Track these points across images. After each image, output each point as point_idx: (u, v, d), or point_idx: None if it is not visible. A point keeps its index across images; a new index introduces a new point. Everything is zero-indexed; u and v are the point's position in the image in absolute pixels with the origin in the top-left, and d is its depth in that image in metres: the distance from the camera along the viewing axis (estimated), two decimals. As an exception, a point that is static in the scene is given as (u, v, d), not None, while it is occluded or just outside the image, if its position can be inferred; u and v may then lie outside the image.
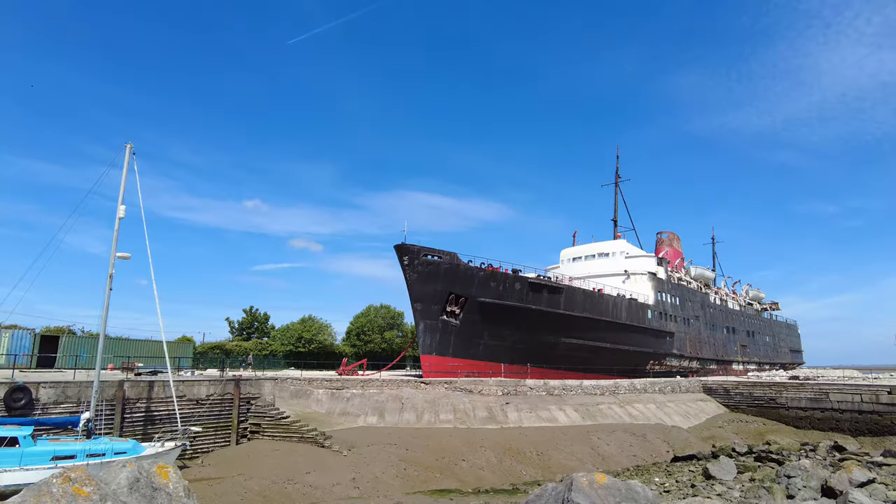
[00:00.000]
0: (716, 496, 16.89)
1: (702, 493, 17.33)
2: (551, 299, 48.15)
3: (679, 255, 79.19)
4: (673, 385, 48.98)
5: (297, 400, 33.68)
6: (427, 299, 42.22)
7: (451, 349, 43.13)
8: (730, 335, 78.87)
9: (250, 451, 26.97)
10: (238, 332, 67.18)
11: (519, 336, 46.65)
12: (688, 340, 65.84)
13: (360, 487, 23.41)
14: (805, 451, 29.06)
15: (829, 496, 15.65)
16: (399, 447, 27.58)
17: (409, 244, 41.71)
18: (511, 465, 28.14)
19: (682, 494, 17.92)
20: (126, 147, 25.98)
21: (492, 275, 44.81)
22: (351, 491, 23.09)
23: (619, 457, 31.58)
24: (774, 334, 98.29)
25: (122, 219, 25.38)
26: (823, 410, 42.69)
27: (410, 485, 24.43)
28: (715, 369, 71.49)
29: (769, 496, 16.20)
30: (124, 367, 31.91)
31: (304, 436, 28.44)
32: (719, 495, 16.96)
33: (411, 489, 23.90)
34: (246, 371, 42.94)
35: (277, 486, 22.42)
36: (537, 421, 35.20)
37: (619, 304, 54.86)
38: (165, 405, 26.97)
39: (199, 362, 51.06)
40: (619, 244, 67.22)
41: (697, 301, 71.54)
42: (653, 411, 41.92)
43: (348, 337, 68.37)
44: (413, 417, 32.89)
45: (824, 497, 15.78)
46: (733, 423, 43.97)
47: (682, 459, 28.46)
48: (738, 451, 28.27)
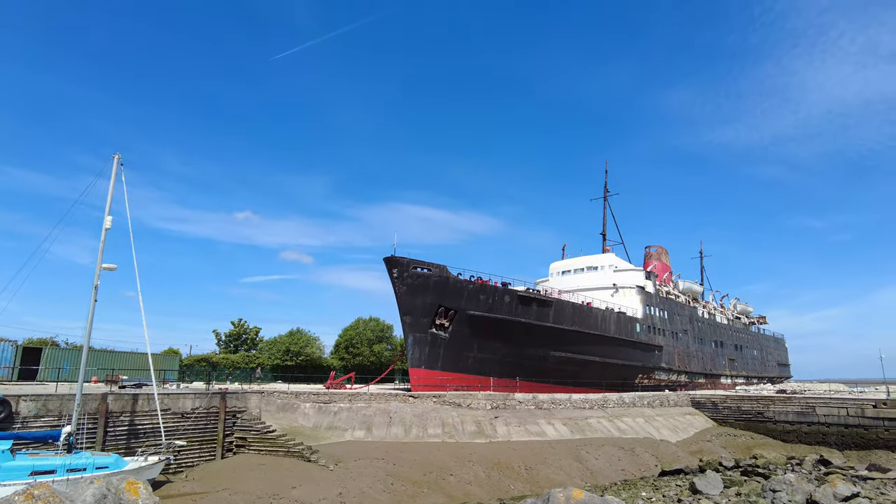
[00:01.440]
0: (702, 511, 16.90)
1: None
2: (540, 312, 48.22)
3: (667, 268, 79.73)
4: (661, 399, 49.06)
5: (284, 414, 33.34)
6: (416, 312, 42.13)
7: (440, 362, 42.99)
8: (718, 349, 79.28)
9: (236, 466, 26.63)
10: (225, 345, 66.52)
11: (508, 349, 46.61)
12: (676, 354, 66.09)
13: (346, 502, 23.16)
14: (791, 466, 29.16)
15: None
16: (386, 462, 27.35)
17: (399, 256, 41.70)
18: (499, 479, 27.98)
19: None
20: (114, 158, 25.87)
21: (481, 288, 44.84)
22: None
23: (608, 471, 31.51)
24: (762, 348, 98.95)
25: (108, 229, 25.19)
26: (810, 424, 42.92)
27: (397, 499, 24.21)
28: (703, 383, 71.73)
29: (755, 510, 16.25)
30: (108, 380, 31.50)
31: (291, 450, 28.14)
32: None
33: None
34: (252, 384, 42.81)
35: (263, 500, 22.12)
36: (526, 435, 35.08)
37: (607, 317, 55.04)
38: (150, 419, 26.60)
39: (185, 375, 50.50)
40: (608, 258, 67.60)
41: (686, 315, 71.94)
42: (641, 425, 41.92)
43: (337, 350, 67.88)
44: (401, 431, 32.66)
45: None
46: (721, 437, 44.05)
47: (669, 474, 28.45)
48: (725, 466, 28.32)
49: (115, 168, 25.74)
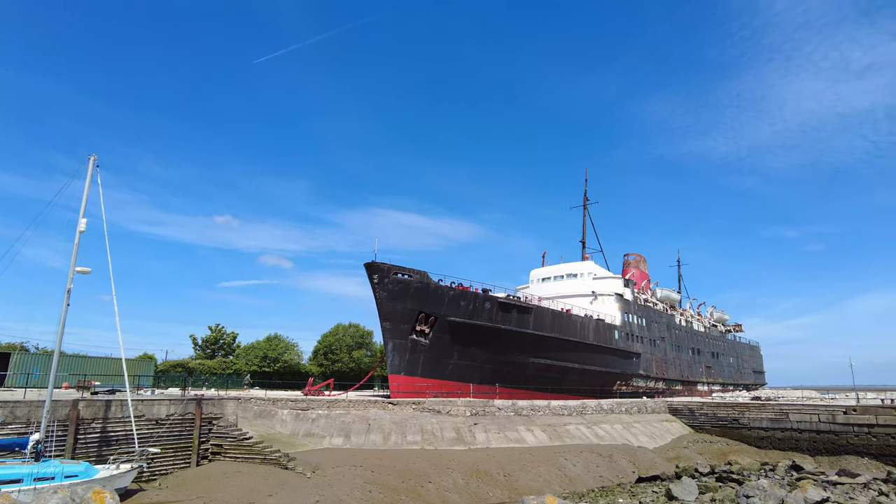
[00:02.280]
0: (677, 517, 17.08)
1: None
2: (520, 319, 48.40)
3: (645, 276, 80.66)
4: (639, 406, 49.48)
5: (261, 420, 32.92)
6: (396, 318, 42.00)
7: (419, 369, 42.88)
8: (695, 356, 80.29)
9: (211, 473, 26.18)
10: (202, 350, 65.57)
11: (488, 356, 46.67)
12: (654, 361, 66.78)
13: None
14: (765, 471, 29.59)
15: (786, 516, 16.00)
16: (365, 469, 27.12)
17: (380, 262, 41.57)
18: (478, 486, 27.92)
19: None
20: (90, 159, 25.44)
21: (462, 294, 44.88)
22: (314, 514, 22.56)
23: (586, 477, 31.64)
24: (738, 356, 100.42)
25: (83, 232, 24.72)
26: (784, 430, 43.63)
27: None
28: (680, 390, 72.56)
29: (729, 516, 16.47)
30: (80, 386, 30.82)
31: (267, 457, 27.77)
32: (681, 516, 17.15)
33: (376, 512, 23.48)
34: (242, 391, 42.35)
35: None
36: (505, 442, 35.10)
37: (586, 324, 55.45)
38: (123, 425, 26.08)
39: (160, 381, 49.65)
40: (588, 265, 68.17)
41: (663, 322, 72.79)
42: (619, 432, 42.22)
43: (315, 356, 67.34)
44: (380, 439, 32.46)
45: (782, 516, 16.13)
46: (698, 443, 44.54)
47: (646, 480, 28.67)
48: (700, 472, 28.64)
49: (90, 169, 25.31)
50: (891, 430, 39.12)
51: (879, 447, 39.04)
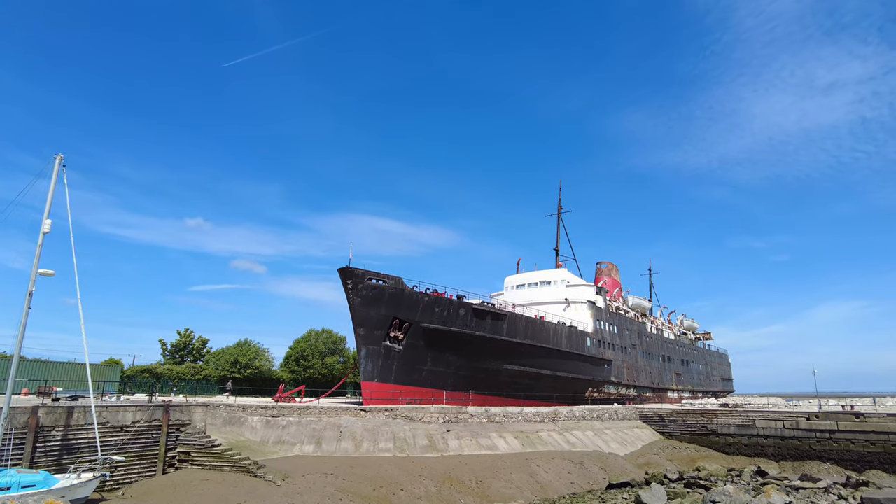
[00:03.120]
0: (646, 522, 17.27)
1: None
2: (494, 326, 48.54)
3: (617, 284, 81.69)
4: (611, 412, 49.99)
5: (230, 427, 32.31)
6: (370, 324, 41.73)
7: (393, 376, 42.63)
8: (665, 364, 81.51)
9: (177, 482, 25.59)
10: (171, 356, 64.15)
11: (462, 362, 46.66)
12: (625, 368, 67.59)
13: (292, 519, 22.57)
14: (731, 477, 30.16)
15: (751, 521, 16.32)
16: (336, 477, 26.82)
17: (354, 268, 41.29)
18: (450, 494, 27.84)
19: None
20: (55, 158, 24.76)
21: (436, 300, 44.83)
22: (283, 523, 22.22)
23: (557, 484, 31.80)
24: (707, 363, 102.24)
25: (47, 233, 24.01)
26: (750, 437, 44.57)
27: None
28: (651, 397, 73.54)
29: (696, 521, 16.73)
30: (40, 392, 29.81)
31: (236, 465, 27.26)
32: (650, 521, 17.35)
33: (346, 520, 23.23)
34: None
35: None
36: (478, 449, 35.08)
37: (559, 331, 55.88)
38: (85, 433, 25.31)
39: (126, 387, 48.41)
40: (561, 273, 68.79)
41: (634, 330, 73.77)
42: (591, 438, 42.57)
43: (287, 362, 66.43)
44: (351, 446, 32.14)
45: (747, 521, 16.45)
46: (667, 449, 45.17)
47: (616, 486, 28.94)
48: (669, 478, 29.04)
49: (56, 169, 24.62)
50: (850, 435, 40.29)
51: (839, 452, 40.16)
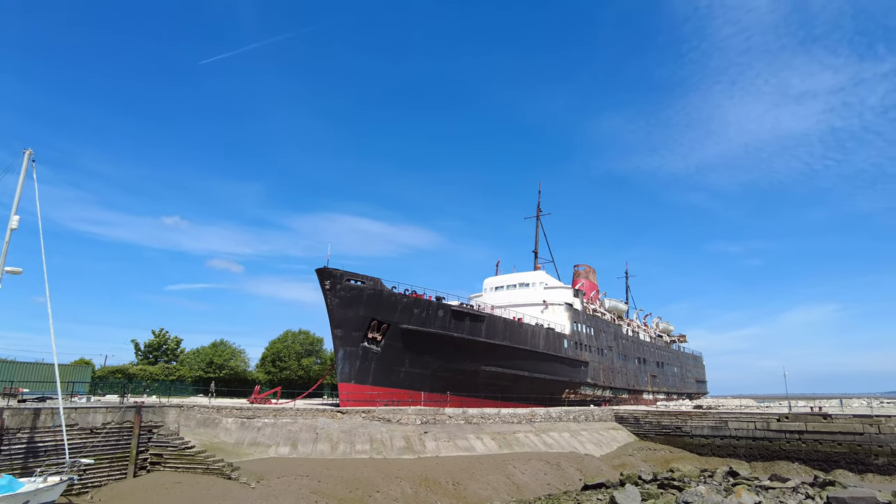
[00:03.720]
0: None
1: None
2: (473, 327, 48.63)
3: (594, 287, 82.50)
4: (587, 413, 50.43)
5: (205, 429, 31.86)
6: (348, 325, 41.49)
7: (370, 377, 42.44)
8: (641, 366, 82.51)
9: (149, 485, 25.14)
10: (144, 356, 63.04)
11: (440, 364, 46.65)
12: (601, 370, 68.26)
13: (267, 522, 22.31)
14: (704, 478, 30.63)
15: (722, 520, 16.62)
16: (311, 479, 26.58)
17: (332, 268, 41.03)
18: (426, 495, 27.79)
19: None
20: (25, 153, 24.17)
21: (415, 301, 44.76)
22: (257, 526, 21.96)
23: (534, 485, 31.95)
24: (682, 365, 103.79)
25: (14, 230, 23.42)
26: (723, 438, 45.34)
27: (321, 518, 23.54)
28: (627, 398, 74.37)
29: (669, 522, 16.97)
30: (6, 393, 29.03)
31: (210, 467, 26.88)
32: (623, 522, 17.55)
33: (322, 523, 23.04)
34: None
35: (176, 522, 20.98)
36: (455, 450, 35.09)
37: (537, 333, 56.21)
38: (53, 435, 24.72)
39: (97, 387, 47.45)
40: (539, 275, 69.23)
41: (611, 332, 74.55)
42: (567, 440, 42.88)
43: (263, 363, 65.76)
44: (327, 448, 31.91)
45: (718, 521, 16.75)
46: (642, 450, 45.70)
47: (591, 488, 29.19)
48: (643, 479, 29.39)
49: (25, 164, 24.05)
50: (818, 436, 41.27)
51: (808, 452, 41.11)
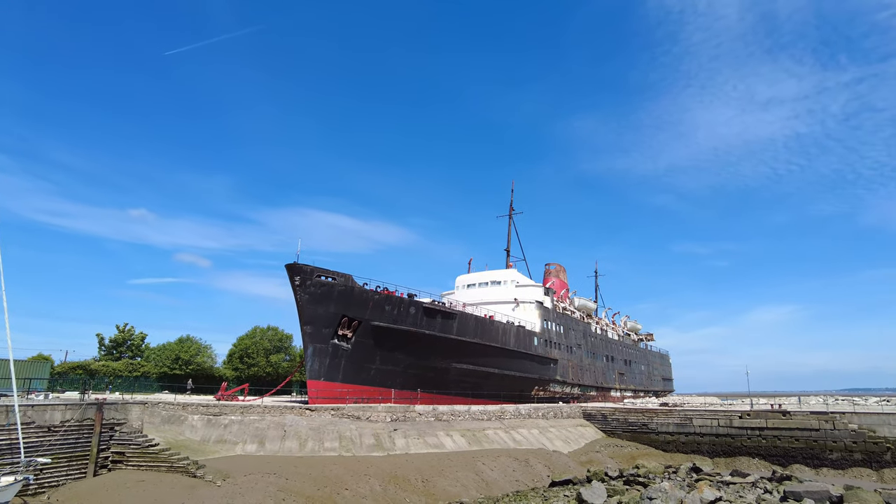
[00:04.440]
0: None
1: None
2: (444, 325, 48.70)
3: (565, 285, 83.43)
4: (556, 411, 51.00)
5: (170, 426, 31.25)
6: (318, 322, 41.12)
7: (340, 374, 42.15)
8: (609, 363, 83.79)
9: (109, 484, 24.52)
10: (108, 352, 61.39)
11: (412, 361, 46.60)
12: (570, 367, 69.10)
13: (232, 521, 22.00)
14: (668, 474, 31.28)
15: (684, 515, 17.03)
16: (279, 476, 26.30)
17: (302, 264, 40.58)
18: (395, 493, 27.75)
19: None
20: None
21: (387, 298, 44.60)
22: (222, 525, 21.63)
23: (503, 482, 32.19)
24: (649, 363, 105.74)
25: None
26: (687, 434, 46.37)
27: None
28: (595, 395, 75.44)
29: (633, 517, 17.30)
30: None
31: (174, 465, 26.37)
32: (589, 518, 17.83)
33: (289, 521, 22.82)
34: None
35: (138, 522, 20.52)
36: (425, 447, 35.12)
37: (508, 330, 56.59)
38: (7, 434, 23.90)
39: (57, 384, 46.06)
40: (511, 273, 69.69)
41: (580, 330, 75.52)
42: (536, 436, 43.30)
43: (230, 360, 64.70)
44: (296, 445, 31.60)
45: (681, 516, 17.15)
46: (609, 447, 46.44)
47: (559, 484, 29.55)
48: (610, 476, 29.87)
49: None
50: (777, 432, 42.57)
51: (767, 448, 42.36)
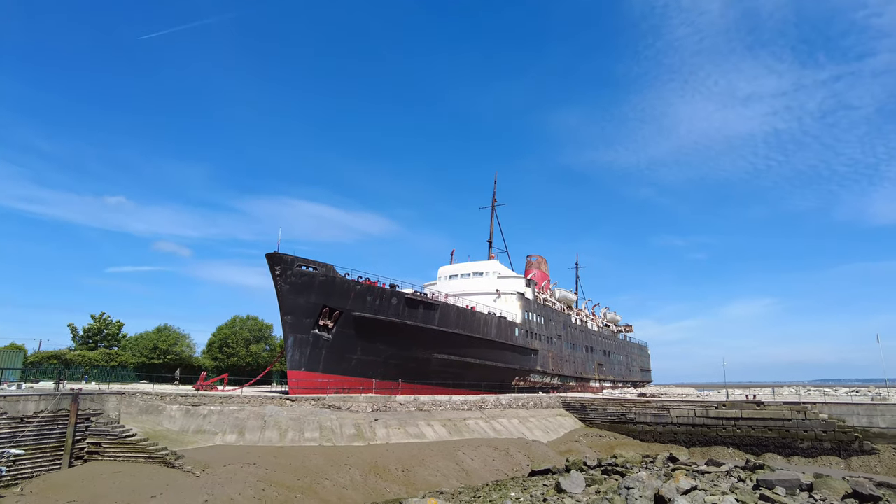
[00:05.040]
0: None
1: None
2: (426, 315, 48.76)
3: (546, 277, 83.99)
4: (535, 401, 51.49)
5: (147, 416, 30.91)
6: (299, 312, 40.87)
7: (321, 364, 42.02)
8: (588, 354, 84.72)
9: (85, 475, 24.19)
10: (83, 341, 60.41)
11: (393, 351, 46.63)
12: (550, 358, 69.74)
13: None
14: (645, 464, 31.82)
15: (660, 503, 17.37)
16: (259, 467, 26.22)
17: (283, 254, 40.24)
18: (376, 482, 27.85)
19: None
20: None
21: (368, 289, 44.48)
22: (201, 515, 21.51)
23: (482, 471, 32.47)
24: (628, 354, 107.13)
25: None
26: (665, 425, 47.15)
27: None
28: (574, 386, 76.30)
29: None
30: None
31: (153, 455, 26.11)
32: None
33: (268, 511, 22.77)
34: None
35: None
36: (405, 437, 35.24)
37: (489, 321, 56.87)
38: (-20, 424, 23.45)
39: (30, 374, 45.27)
40: (493, 265, 69.96)
41: (560, 321, 76.18)
42: (516, 426, 43.71)
43: (210, 349, 64.14)
44: (276, 436, 31.50)
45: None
46: (588, 437, 47.05)
47: (538, 473, 29.89)
48: (588, 465, 30.29)
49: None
50: (751, 422, 43.50)
51: (742, 437, 43.28)
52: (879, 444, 39.24)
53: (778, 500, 19.92)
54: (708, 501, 15.98)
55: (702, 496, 16.84)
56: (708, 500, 16.20)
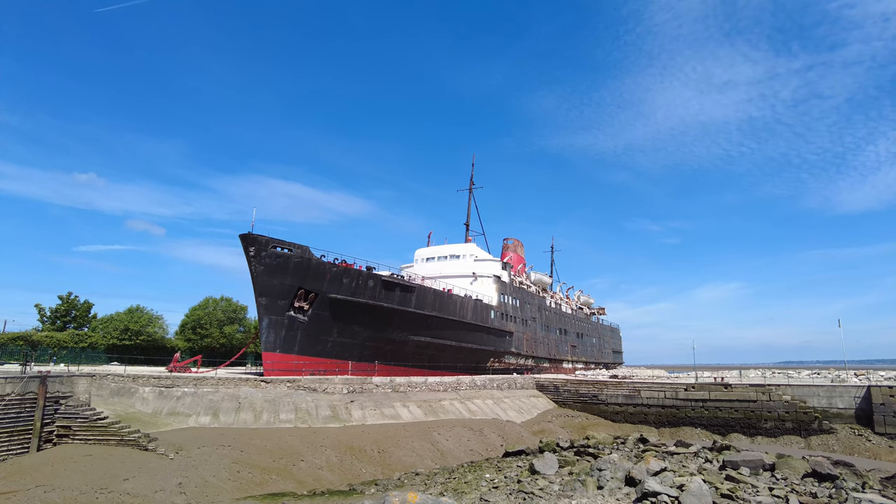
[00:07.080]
0: (538, 490, 18.34)
1: (525, 488, 18.68)
2: (403, 298, 48.82)
3: (522, 260, 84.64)
4: (510, 382, 52.19)
5: (119, 399, 30.52)
6: (273, 294, 40.54)
7: (296, 346, 41.86)
8: (562, 336, 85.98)
9: (55, 459, 23.84)
10: (51, 322, 59.05)
11: (369, 333, 46.66)
12: (525, 340, 70.61)
13: (186, 493, 21.80)
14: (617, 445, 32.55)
15: (630, 485, 17.83)
16: (233, 448, 26.15)
17: (257, 234, 39.75)
18: (351, 463, 28.03)
19: (508, 490, 19.19)
20: None
21: (345, 271, 44.28)
22: (176, 497, 21.41)
23: (457, 452, 32.91)
24: (600, 336, 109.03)
25: None
26: (635, 406, 48.28)
27: (244, 488, 23.27)
28: (548, 367, 77.50)
29: (583, 488, 18.02)
30: None
31: (125, 438, 25.83)
32: (541, 489, 18.44)
33: (244, 493, 22.79)
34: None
35: (87, 496, 20.08)
36: (381, 418, 35.47)
37: (466, 304, 57.21)
38: (-56, 407, 22.90)
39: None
40: (470, 247, 70.21)
41: (535, 304, 77.03)
42: (490, 407, 44.31)
43: (183, 330, 63.34)
44: (251, 417, 31.41)
45: (627, 486, 17.95)
46: (561, 417, 47.97)
47: (512, 454, 30.37)
48: (561, 446, 30.88)
49: None
50: (718, 403, 44.82)
51: (709, 419, 44.60)
52: (837, 423, 40.89)
53: (743, 480, 20.63)
54: (677, 482, 16.49)
55: (671, 477, 17.36)
56: (677, 481, 16.72)
